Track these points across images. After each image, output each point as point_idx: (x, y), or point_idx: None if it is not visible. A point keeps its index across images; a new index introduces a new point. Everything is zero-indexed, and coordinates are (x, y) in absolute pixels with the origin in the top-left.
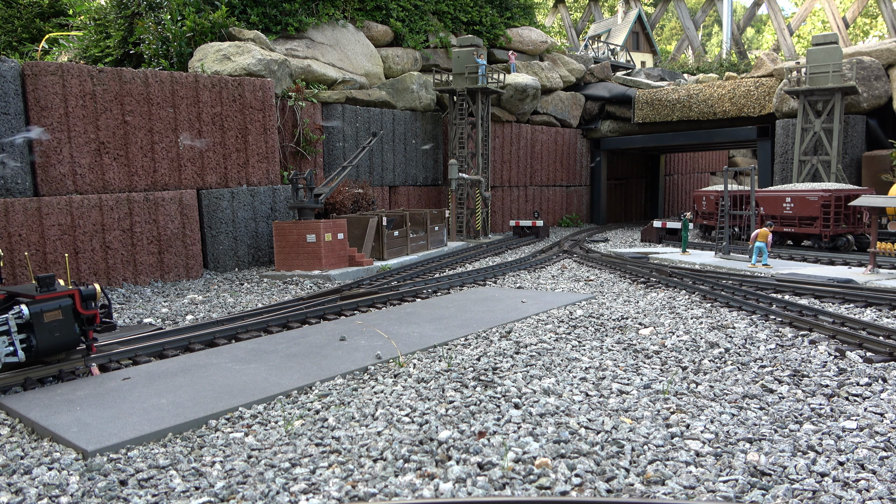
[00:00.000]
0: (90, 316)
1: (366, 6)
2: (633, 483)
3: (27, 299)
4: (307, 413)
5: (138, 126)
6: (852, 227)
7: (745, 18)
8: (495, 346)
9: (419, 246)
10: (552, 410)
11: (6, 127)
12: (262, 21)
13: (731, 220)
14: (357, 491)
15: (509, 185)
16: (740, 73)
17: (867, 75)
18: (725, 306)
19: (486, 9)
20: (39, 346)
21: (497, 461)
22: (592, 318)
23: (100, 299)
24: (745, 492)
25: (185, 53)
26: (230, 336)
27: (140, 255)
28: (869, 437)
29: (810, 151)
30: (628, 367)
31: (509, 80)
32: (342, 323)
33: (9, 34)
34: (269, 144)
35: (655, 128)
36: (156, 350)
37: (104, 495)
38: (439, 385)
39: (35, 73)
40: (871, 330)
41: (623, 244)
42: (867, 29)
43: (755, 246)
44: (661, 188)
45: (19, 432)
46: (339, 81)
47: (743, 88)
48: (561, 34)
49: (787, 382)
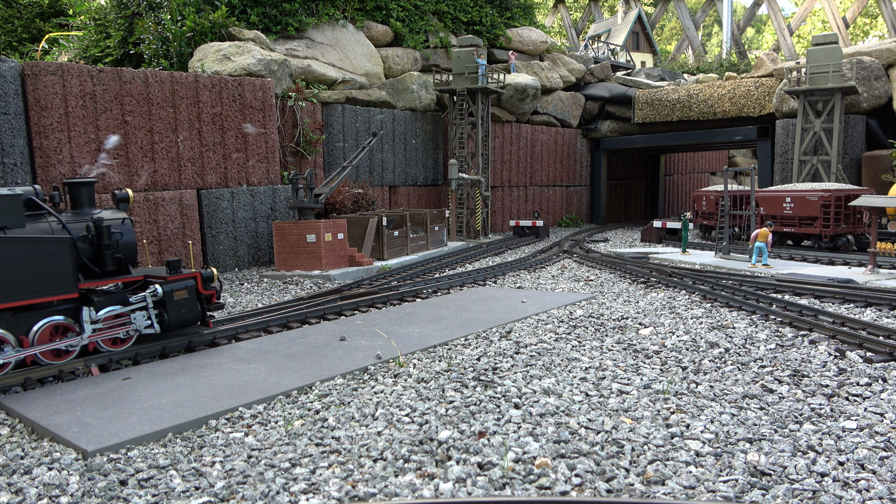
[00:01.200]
0: (209, 295)
1: (366, 6)
2: (633, 483)
3: (160, 280)
4: (307, 413)
5: (138, 126)
6: (852, 227)
7: (745, 18)
8: (495, 346)
9: (419, 246)
10: (552, 410)
11: (6, 127)
12: (262, 21)
13: (731, 220)
14: (357, 491)
15: (509, 185)
16: (740, 73)
17: (867, 75)
18: (725, 306)
19: (486, 9)
20: (171, 320)
21: (497, 461)
22: (592, 318)
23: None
24: (745, 492)
25: (185, 53)
26: (230, 336)
27: (140, 255)
28: (869, 437)
29: (810, 151)
30: (628, 367)
31: (509, 80)
32: (342, 323)
33: (9, 34)
34: (269, 144)
35: (655, 128)
36: (156, 350)
37: (104, 495)
38: (439, 385)
39: (35, 73)
40: (871, 330)
41: (623, 244)
42: (867, 29)
43: (755, 246)
44: (661, 188)
45: (19, 432)
46: (339, 81)
47: (743, 88)
48: (561, 34)
49: (787, 382)
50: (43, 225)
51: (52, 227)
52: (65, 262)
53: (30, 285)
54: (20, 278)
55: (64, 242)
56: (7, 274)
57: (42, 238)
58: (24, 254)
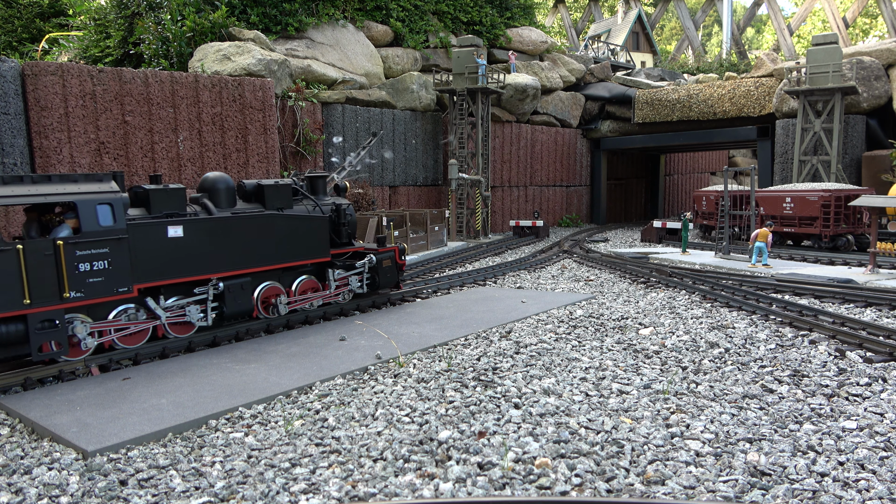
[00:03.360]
0: (401, 265)
1: (366, 6)
2: (633, 483)
3: (372, 252)
4: (307, 413)
5: (138, 126)
6: (852, 227)
7: (745, 18)
8: (495, 346)
9: (419, 246)
10: (552, 410)
11: (6, 127)
12: (262, 21)
13: (731, 220)
14: (357, 491)
15: (509, 185)
16: (740, 73)
17: (867, 75)
18: (725, 306)
19: (486, 9)
20: (380, 282)
21: (497, 461)
22: (592, 318)
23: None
24: (745, 492)
25: (185, 53)
26: (230, 336)
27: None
28: (869, 437)
29: (810, 151)
30: (628, 367)
31: (509, 80)
32: (342, 323)
33: (9, 34)
34: (269, 144)
35: (655, 128)
36: (156, 350)
37: (104, 495)
38: (439, 385)
39: (35, 73)
40: (871, 330)
41: (623, 244)
42: (867, 29)
43: (755, 246)
44: (661, 188)
45: (19, 432)
46: (339, 81)
47: (743, 88)
48: (561, 34)
49: (787, 382)
50: (303, 206)
51: (309, 209)
52: (324, 234)
53: (300, 251)
54: (294, 245)
55: (323, 219)
56: (285, 242)
57: (310, 216)
58: (296, 227)
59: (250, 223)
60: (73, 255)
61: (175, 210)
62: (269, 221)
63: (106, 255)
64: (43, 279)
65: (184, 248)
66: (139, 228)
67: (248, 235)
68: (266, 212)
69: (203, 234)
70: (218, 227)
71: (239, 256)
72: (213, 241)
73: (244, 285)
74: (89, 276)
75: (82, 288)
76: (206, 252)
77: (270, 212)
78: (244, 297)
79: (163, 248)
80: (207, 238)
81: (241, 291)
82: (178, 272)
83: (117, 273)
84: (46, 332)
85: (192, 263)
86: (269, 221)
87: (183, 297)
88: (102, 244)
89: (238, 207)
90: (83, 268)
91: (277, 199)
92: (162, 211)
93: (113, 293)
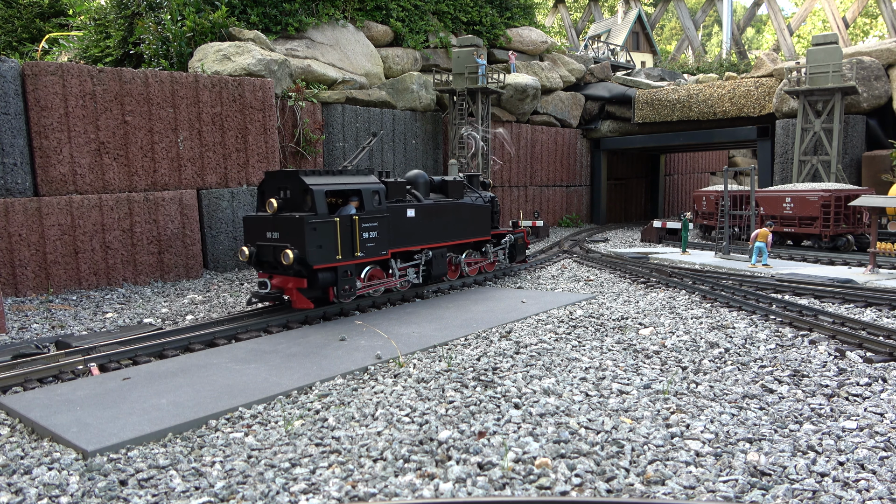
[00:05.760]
0: (527, 244)
1: (366, 6)
2: (633, 483)
3: (510, 233)
4: (307, 413)
5: (138, 126)
6: (852, 227)
7: (745, 18)
8: (495, 346)
9: None
10: (552, 410)
11: (6, 127)
12: (262, 21)
13: (731, 220)
14: (357, 491)
15: (509, 185)
16: (740, 73)
17: (867, 75)
18: (725, 306)
19: (486, 9)
20: (516, 255)
21: (497, 461)
22: (592, 318)
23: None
24: (745, 492)
25: (185, 53)
26: (230, 336)
27: (140, 255)
28: (869, 437)
29: (810, 151)
30: (628, 367)
31: (509, 80)
32: (342, 323)
33: (9, 34)
34: (269, 144)
35: (655, 128)
36: (156, 350)
37: (104, 495)
38: (439, 385)
39: (35, 73)
40: (871, 330)
41: (623, 244)
42: (867, 29)
43: (755, 246)
44: (661, 188)
45: (19, 432)
46: (339, 81)
47: (743, 88)
48: (561, 34)
49: (787, 382)
50: (469, 197)
51: (475, 199)
52: (486, 218)
53: (474, 230)
54: (471, 226)
55: (486, 207)
56: (462, 223)
57: (479, 204)
58: (472, 212)
59: (447, 208)
60: (361, 227)
61: (399, 198)
62: (457, 207)
63: (376, 227)
64: (345, 242)
65: (413, 226)
66: (393, 209)
67: (445, 217)
68: (456, 201)
69: (423, 215)
70: (431, 211)
71: (440, 232)
72: (427, 221)
73: (443, 254)
74: (368, 242)
75: (364, 249)
76: (423, 229)
77: (457, 200)
78: (442, 263)
79: (403, 225)
80: (424, 218)
81: (441, 259)
82: (408, 242)
83: (381, 240)
84: (346, 279)
85: (416, 236)
86: (458, 207)
87: (403, 261)
88: (375, 220)
89: (431, 197)
90: (366, 235)
91: (456, 191)
92: (394, 198)
93: (378, 255)
